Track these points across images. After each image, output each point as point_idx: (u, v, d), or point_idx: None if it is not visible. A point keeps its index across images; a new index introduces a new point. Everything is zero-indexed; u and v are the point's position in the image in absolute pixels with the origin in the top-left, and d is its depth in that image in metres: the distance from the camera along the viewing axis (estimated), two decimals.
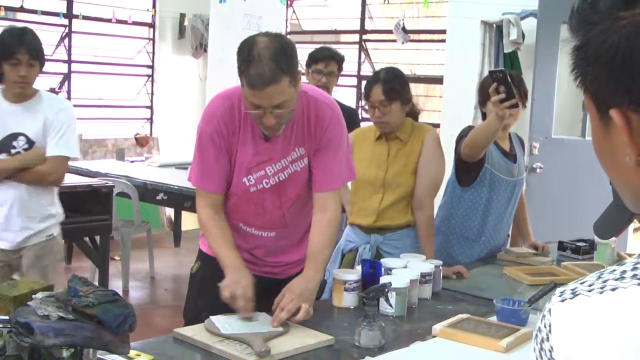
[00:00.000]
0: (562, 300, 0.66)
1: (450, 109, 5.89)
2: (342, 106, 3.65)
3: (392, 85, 2.80)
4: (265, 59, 1.94)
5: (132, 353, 1.63)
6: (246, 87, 1.98)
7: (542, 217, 4.37)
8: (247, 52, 1.97)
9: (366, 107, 2.88)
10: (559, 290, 0.68)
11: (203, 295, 2.27)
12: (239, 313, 1.98)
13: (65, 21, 6.97)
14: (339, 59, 3.96)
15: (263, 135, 2.15)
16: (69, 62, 7.09)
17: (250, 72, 1.95)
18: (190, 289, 2.40)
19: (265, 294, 2.05)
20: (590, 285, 0.65)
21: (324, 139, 2.18)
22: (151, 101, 7.85)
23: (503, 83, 2.61)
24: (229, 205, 2.28)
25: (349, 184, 3.17)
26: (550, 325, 0.65)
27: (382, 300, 2.07)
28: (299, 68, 2.09)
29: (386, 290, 2.03)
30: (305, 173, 2.21)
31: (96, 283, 3.80)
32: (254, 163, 2.17)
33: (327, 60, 3.88)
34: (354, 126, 3.28)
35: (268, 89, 1.95)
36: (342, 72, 4.09)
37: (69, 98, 7.14)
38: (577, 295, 0.65)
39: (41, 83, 6.75)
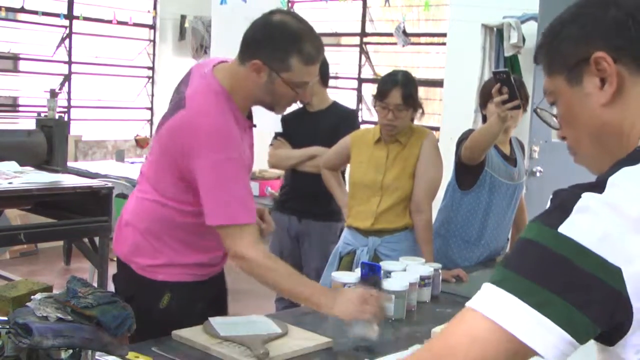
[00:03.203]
0: None
1: (450, 112, 5.89)
2: (341, 107, 3.65)
3: (410, 92, 2.78)
4: (312, 30, 1.90)
5: (130, 354, 1.63)
6: (300, 65, 1.84)
7: None
8: (287, 32, 1.85)
9: (377, 107, 2.84)
10: None
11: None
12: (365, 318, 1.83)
13: (66, 22, 6.98)
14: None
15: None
16: (69, 63, 7.10)
17: (306, 48, 1.84)
18: (164, 326, 1.90)
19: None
20: None
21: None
22: (151, 103, 7.85)
23: (506, 84, 2.60)
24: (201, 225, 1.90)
25: (347, 186, 3.16)
26: None
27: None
28: None
29: (376, 283, 2.03)
30: None
31: (95, 284, 3.79)
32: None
33: None
34: (353, 128, 3.27)
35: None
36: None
37: (69, 99, 7.15)
38: None
39: (42, 84, 6.79)
